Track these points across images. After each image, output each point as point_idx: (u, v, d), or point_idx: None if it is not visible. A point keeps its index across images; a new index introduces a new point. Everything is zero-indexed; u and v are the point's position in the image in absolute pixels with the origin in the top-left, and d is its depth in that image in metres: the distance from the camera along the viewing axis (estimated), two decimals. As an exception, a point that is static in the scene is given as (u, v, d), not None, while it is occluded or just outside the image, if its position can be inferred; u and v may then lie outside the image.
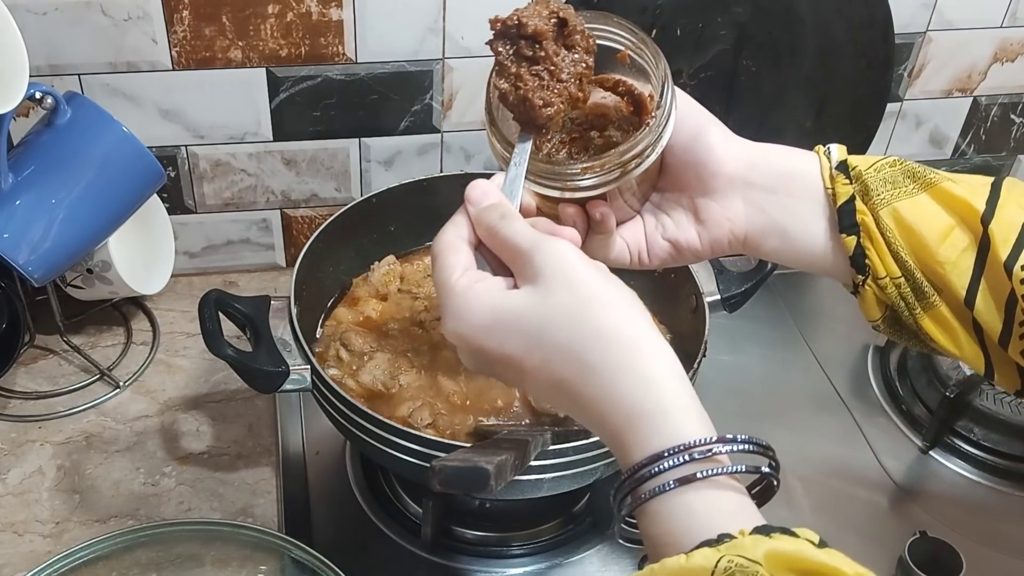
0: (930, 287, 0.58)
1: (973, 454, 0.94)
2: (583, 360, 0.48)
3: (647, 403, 0.48)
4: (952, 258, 0.57)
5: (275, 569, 0.77)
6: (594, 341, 0.48)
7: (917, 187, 0.58)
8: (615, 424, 0.48)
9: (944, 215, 0.58)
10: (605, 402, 0.48)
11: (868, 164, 0.59)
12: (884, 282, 0.59)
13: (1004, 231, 0.56)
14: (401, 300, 0.90)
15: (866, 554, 0.84)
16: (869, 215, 0.58)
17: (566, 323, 0.49)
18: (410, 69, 1.00)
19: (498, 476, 0.53)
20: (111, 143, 0.85)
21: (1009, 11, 1.12)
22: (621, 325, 0.49)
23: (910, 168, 0.59)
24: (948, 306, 0.59)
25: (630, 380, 0.48)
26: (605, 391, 0.48)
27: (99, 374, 0.97)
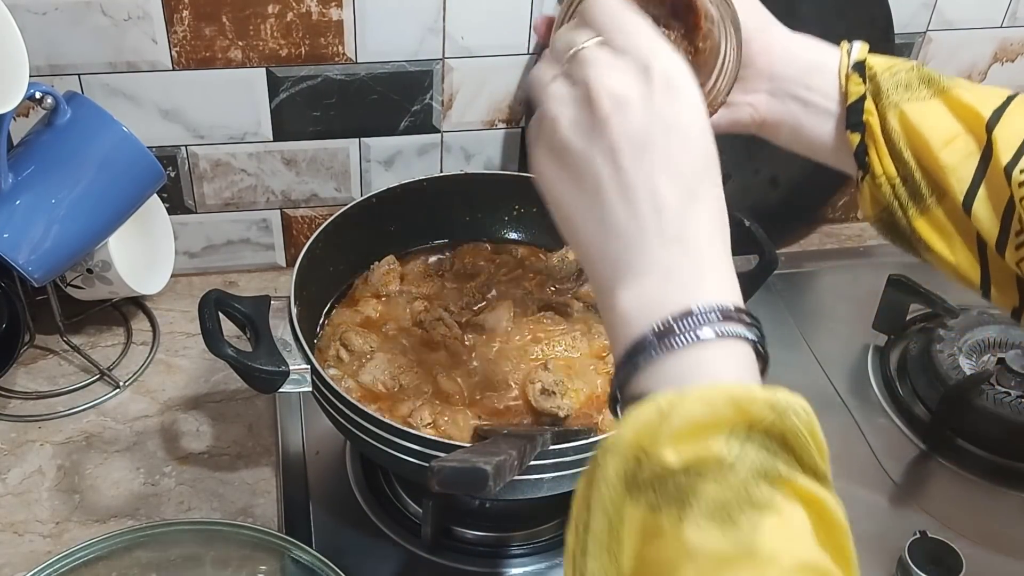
0: (928, 189, 0.61)
1: (973, 454, 0.94)
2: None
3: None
4: (953, 163, 0.59)
5: (275, 569, 0.78)
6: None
7: (931, 92, 0.61)
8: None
9: (952, 121, 0.60)
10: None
11: (886, 67, 0.62)
12: (880, 180, 0.62)
13: (1008, 137, 0.58)
14: (401, 300, 0.90)
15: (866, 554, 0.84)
16: (875, 115, 0.61)
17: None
18: (410, 69, 1.00)
19: (497, 476, 0.53)
20: (111, 143, 0.85)
21: (1009, 11, 1.12)
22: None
23: (927, 74, 0.61)
24: (945, 210, 0.61)
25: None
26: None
27: (99, 374, 0.97)
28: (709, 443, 0.40)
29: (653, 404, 0.42)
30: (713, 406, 0.41)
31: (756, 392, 0.41)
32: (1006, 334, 1.01)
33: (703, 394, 0.41)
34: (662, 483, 0.40)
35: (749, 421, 0.41)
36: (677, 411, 0.41)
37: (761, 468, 0.40)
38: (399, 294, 0.91)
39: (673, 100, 0.46)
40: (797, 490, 0.41)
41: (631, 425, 0.42)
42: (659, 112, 0.46)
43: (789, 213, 1.18)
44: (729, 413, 0.41)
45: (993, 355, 0.99)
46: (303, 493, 0.87)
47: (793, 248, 1.21)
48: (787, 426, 0.41)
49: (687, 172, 0.46)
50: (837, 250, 1.21)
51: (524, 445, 0.63)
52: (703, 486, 0.40)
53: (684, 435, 0.41)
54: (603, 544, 0.41)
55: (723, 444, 0.40)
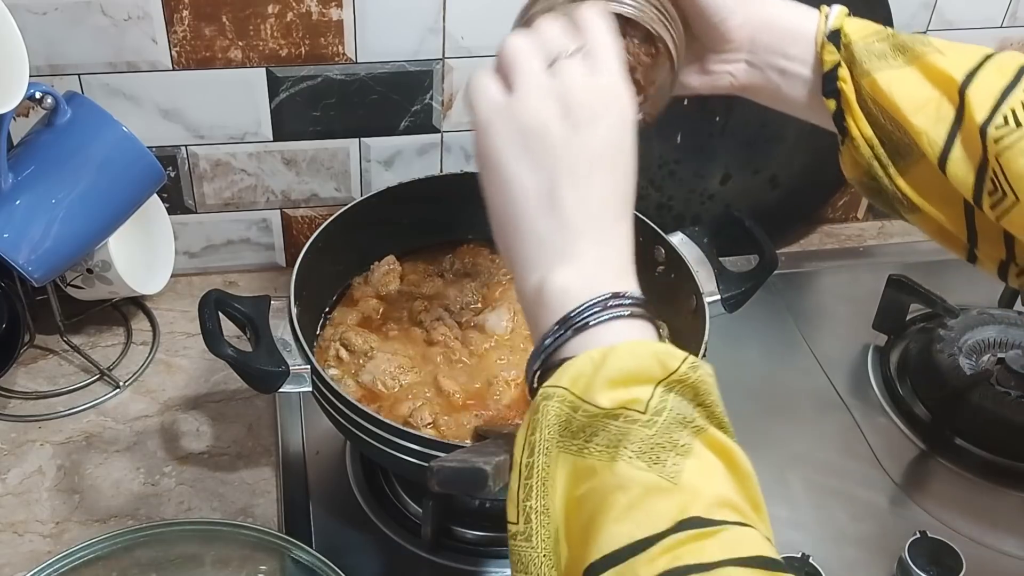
0: (907, 149, 0.63)
1: (973, 454, 0.94)
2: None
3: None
4: (925, 126, 0.61)
5: (275, 569, 0.78)
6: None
7: (905, 60, 0.62)
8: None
9: (926, 87, 0.62)
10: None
11: (861, 35, 0.63)
12: (858, 142, 0.64)
13: (982, 97, 0.60)
14: (401, 300, 0.90)
15: (866, 554, 0.85)
16: (849, 83, 0.64)
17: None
18: (410, 69, 1.00)
19: (496, 476, 0.53)
20: (111, 143, 0.85)
21: (1009, 11, 1.12)
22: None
23: (901, 41, 0.63)
24: (926, 168, 0.63)
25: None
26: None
27: (99, 374, 0.97)
28: (637, 390, 0.46)
29: (586, 356, 0.47)
30: (640, 358, 0.47)
31: (672, 350, 0.48)
32: (1006, 334, 1.01)
33: (631, 348, 0.47)
34: (594, 428, 0.45)
35: (669, 373, 0.46)
36: (609, 361, 0.46)
37: (682, 417, 0.45)
38: (399, 294, 0.91)
39: (627, 132, 0.53)
40: (711, 440, 0.46)
41: (568, 374, 0.47)
42: (623, 139, 0.53)
43: (789, 213, 1.18)
44: (653, 365, 0.46)
45: (993, 355, 0.99)
46: (303, 493, 0.87)
47: (793, 248, 1.21)
48: (699, 380, 0.47)
49: (622, 194, 0.53)
50: (837, 250, 1.21)
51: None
52: (633, 430, 0.44)
53: (615, 382, 0.46)
54: (544, 485, 0.46)
55: (649, 392, 0.46)
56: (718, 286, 0.87)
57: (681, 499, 0.43)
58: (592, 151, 0.51)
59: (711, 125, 1.08)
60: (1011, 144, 0.58)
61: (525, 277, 0.52)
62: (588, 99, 0.52)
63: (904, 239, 1.22)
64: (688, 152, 1.09)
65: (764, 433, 0.94)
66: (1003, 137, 0.58)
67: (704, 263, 0.88)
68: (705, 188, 1.12)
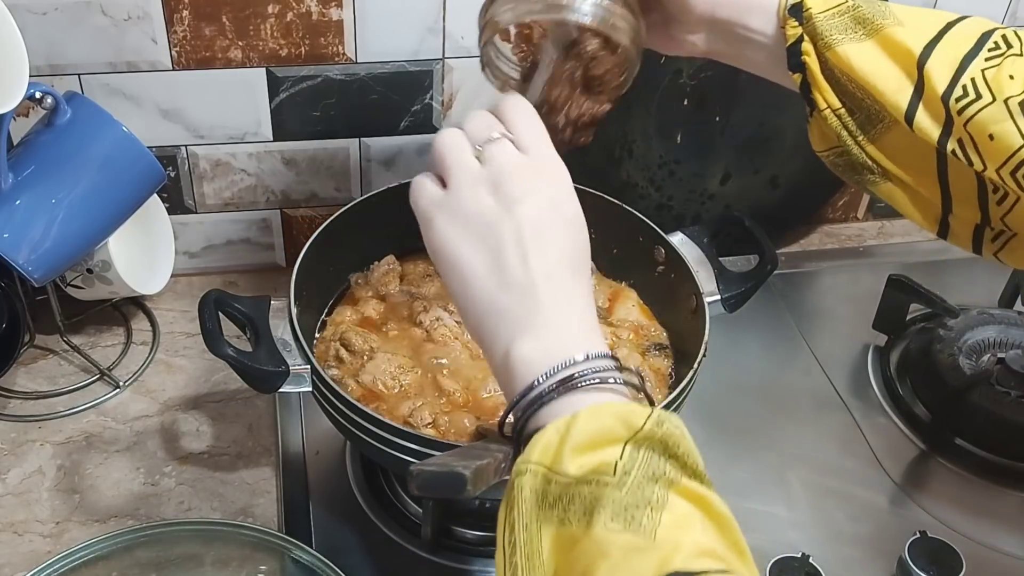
0: (876, 117, 0.63)
1: (973, 454, 0.94)
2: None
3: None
4: (889, 95, 0.61)
5: (275, 569, 0.78)
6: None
7: (865, 33, 0.63)
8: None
9: (885, 60, 0.62)
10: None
11: (822, 8, 0.64)
12: (826, 113, 0.65)
13: (940, 69, 0.60)
14: (401, 300, 0.90)
15: (866, 554, 0.85)
16: (813, 56, 0.64)
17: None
18: (410, 69, 1.00)
19: (476, 481, 0.53)
20: (111, 143, 0.85)
21: (1009, 11, 1.12)
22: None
23: (861, 14, 0.63)
24: (896, 134, 0.63)
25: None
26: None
27: (99, 374, 0.97)
28: (605, 453, 0.46)
29: (552, 427, 0.48)
30: (603, 421, 0.47)
31: (636, 408, 0.49)
32: (1006, 334, 1.01)
33: (594, 412, 0.48)
34: (569, 496, 0.46)
35: (635, 432, 0.47)
36: (572, 430, 0.47)
37: (652, 473, 0.46)
38: (399, 294, 0.91)
39: (566, 197, 0.57)
40: (685, 490, 0.46)
41: (537, 448, 0.48)
42: (557, 202, 0.56)
43: (789, 213, 1.18)
44: (617, 426, 0.47)
45: (993, 355, 0.99)
46: (303, 493, 0.87)
47: (793, 248, 1.21)
48: (667, 434, 0.47)
49: (572, 254, 0.56)
50: (837, 250, 1.21)
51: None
52: (606, 493, 0.45)
53: (582, 448, 0.47)
54: (529, 560, 0.46)
55: (618, 453, 0.46)
56: (718, 286, 0.87)
57: (660, 555, 0.43)
58: (532, 219, 0.54)
59: (711, 125, 1.08)
60: (973, 114, 0.59)
61: (493, 352, 0.55)
62: (518, 175, 0.55)
63: (904, 239, 1.22)
64: (688, 152, 1.09)
65: (764, 433, 0.94)
66: (965, 108, 0.59)
67: (704, 263, 0.88)
68: (705, 188, 1.12)
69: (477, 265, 0.55)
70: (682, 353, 0.86)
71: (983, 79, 0.59)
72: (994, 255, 0.65)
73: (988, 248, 0.65)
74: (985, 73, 0.59)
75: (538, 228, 0.54)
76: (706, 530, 0.45)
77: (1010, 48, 0.61)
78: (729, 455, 0.90)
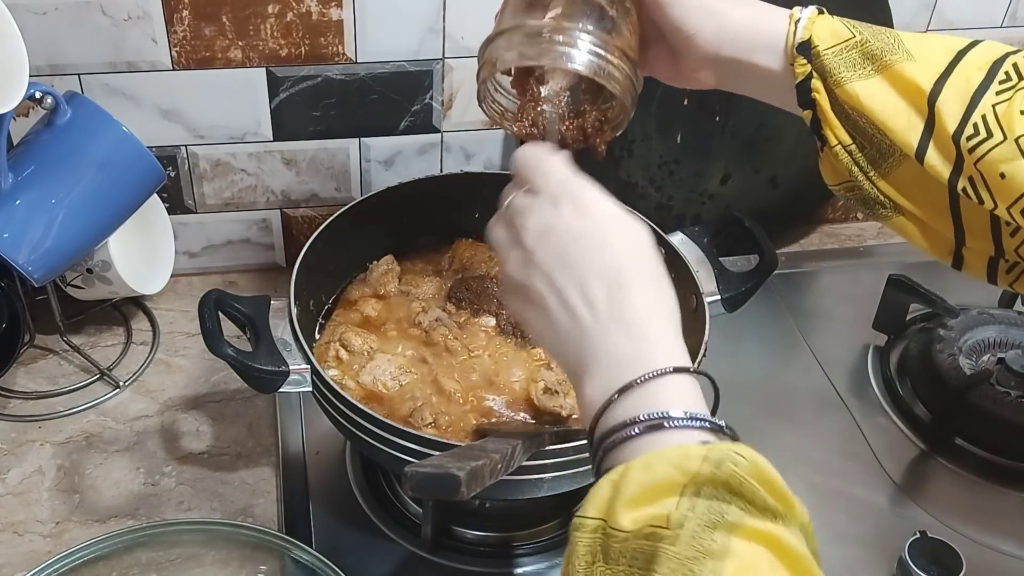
0: (888, 150, 0.63)
1: (973, 454, 0.94)
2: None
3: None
4: (899, 132, 0.61)
5: (275, 569, 0.78)
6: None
7: (873, 69, 0.62)
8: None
9: (895, 97, 0.61)
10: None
11: (830, 44, 0.63)
12: (836, 149, 0.64)
13: (952, 106, 0.59)
14: (400, 300, 0.90)
15: (866, 554, 0.85)
16: (823, 92, 0.63)
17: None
18: (410, 69, 1.00)
19: (470, 483, 0.53)
20: (111, 143, 0.85)
21: (1009, 11, 1.12)
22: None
23: (870, 49, 0.62)
24: (907, 169, 0.63)
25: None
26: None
27: (99, 374, 0.97)
28: (661, 504, 0.44)
29: (607, 480, 0.47)
30: (655, 471, 0.45)
31: (691, 450, 0.46)
32: (1006, 334, 1.01)
33: (644, 462, 0.46)
34: (629, 552, 0.44)
35: (691, 477, 0.44)
36: (625, 481, 0.45)
37: (710, 519, 0.43)
38: (398, 294, 0.91)
39: (582, 217, 0.56)
40: (751, 532, 0.43)
41: (592, 502, 0.47)
42: (570, 228, 0.55)
43: (789, 213, 1.18)
44: (672, 474, 0.45)
45: (993, 355, 0.99)
46: (303, 493, 0.87)
47: (793, 248, 1.21)
48: (727, 474, 0.44)
49: (607, 270, 0.54)
50: (837, 250, 1.21)
51: (515, 446, 0.63)
52: (662, 548, 0.43)
53: (636, 500, 0.45)
54: None
55: (674, 503, 0.44)
56: (718, 286, 0.87)
57: None
58: (554, 258, 0.55)
59: (711, 125, 1.08)
60: (984, 153, 0.58)
61: (578, 397, 0.54)
62: (530, 222, 0.56)
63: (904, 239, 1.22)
64: (688, 152, 1.09)
65: (764, 433, 0.93)
66: (976, 147, 0.58)
67: (704, 263, 0.88)
68: (705, 188, 1.12)
69: (536, 322, 0.57)
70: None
71: (994, 116, 0.58)
72: (1009, 285, 0.64)
73: (1003, 279, 0.64)
74: (996, 108, 0.58)
75: (564, 262, 0.55)
76: (775, 570, 0.43)
77: (1021, 79, 0.59)
78: (729, 455, 0.90)
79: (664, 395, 0.50)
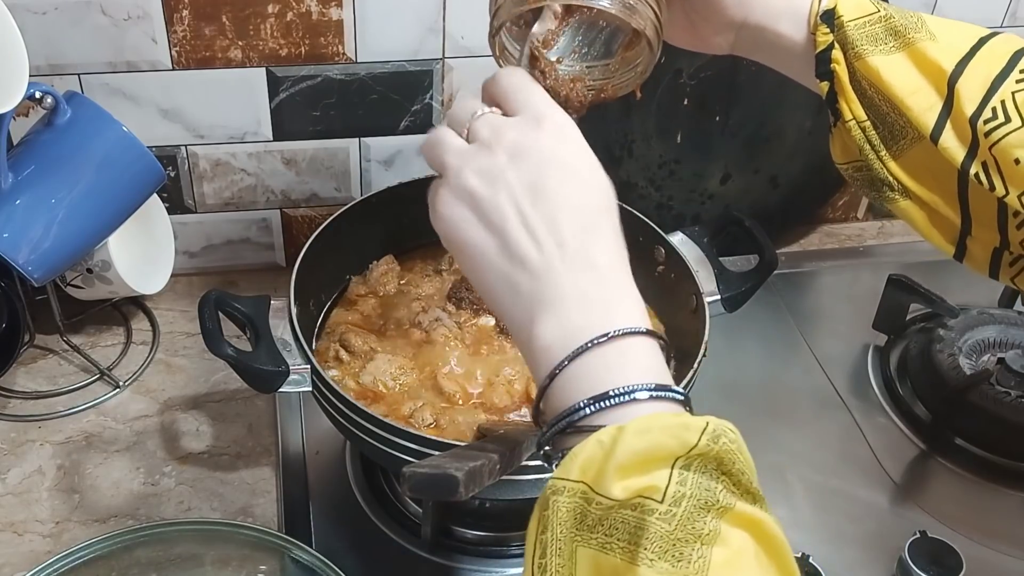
0: (901, 132, 0.62)
1: (973, 454, 0.94)
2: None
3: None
4: (917, 111, 0.60)
5: (275, 569, 0.78)
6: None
7: (896, 45, 0.62)
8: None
9: (916, 75, 0.61)
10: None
11: (854, 16, 0.62)
12: (850, 124, 0.63)
13: (971, 89, 0.59)
14: (400, 300, 0.90)
15: (866, 554, 0.85)
16: (843, 64, 0.63)
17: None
18: (410, 69, 1.00)
19: (468, 483, 0.53)
20: (111, 143, 0.85)
21: (1009, 11, 1.12)
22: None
23: (894, 24, 0.62)
24: (919, 151, 0.62)
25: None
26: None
27: (99, 374, 0.97)
28: (653, 475, 0.42)
29: (595, 440, 0.44)
30: (651, 437, 0.43)
31: (689, 420, 0.44)
32: (1006, 334, 1.01)
33: (643, 426, 0.43)
34: (611, 520, 0.42)
35: (687, 449, 0.42)
36: (619, 445, 0.43)
37: (704, 501, 0.42)
38: (398, 294, 0.91)
39: (564, 143, 0.52)
40: (739, 517, 0.42)
41: (576, 464, 0.44)
42: (553, 155, 0.51)
43: (789, 213, 1.18)
44: (668, 442, 0.43)
45: (993, 355, 0.99)
46: (303, 493, 0.87)
47: (793, 248, 1.21)
48: (722, 450, 0.43)
49: (583, 207, 0.51)
50: (837, 250, 1.21)
51: (515, 446, 0.63)
52: (651, 523, 0.41)
53: (628, 468, 0.42)
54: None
55: (665, 475, 0.42)
56: (718, 286, 0.87)
57: None
58: (530, 180, 0.51)
59: (711, 125, 1.08)
60: (1000, 137, 0.58)
61: (518, 336, 0.51)
62: (507, 138, 0.52)
63: (904, 239, 1.22)
64: (688, 152, 1.09)
65: (764, 433, 0.94)
66: (992, 131, 0.58)
67: (704, 263, 0.88)
68: (705, 188, 1.12)
69: (483, 245, 0.51)
70: (682, 353, 0.86)
71: (1013, 102, 0.58)
72: (1011, 280, 0.64)
73: (1006, 272, 0.64)
74: (1016, 96, 0.58)
75: (539, 188, 0.50)
76: (759, 561, 0.42)
77: None
78: (729, 455, 0.90)
79: (635, 356, 0.48)
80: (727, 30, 0.67)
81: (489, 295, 0.52)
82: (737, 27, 0.66)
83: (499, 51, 0.66)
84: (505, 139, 0.52)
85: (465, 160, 0.53)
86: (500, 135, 0.52)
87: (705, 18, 0.67)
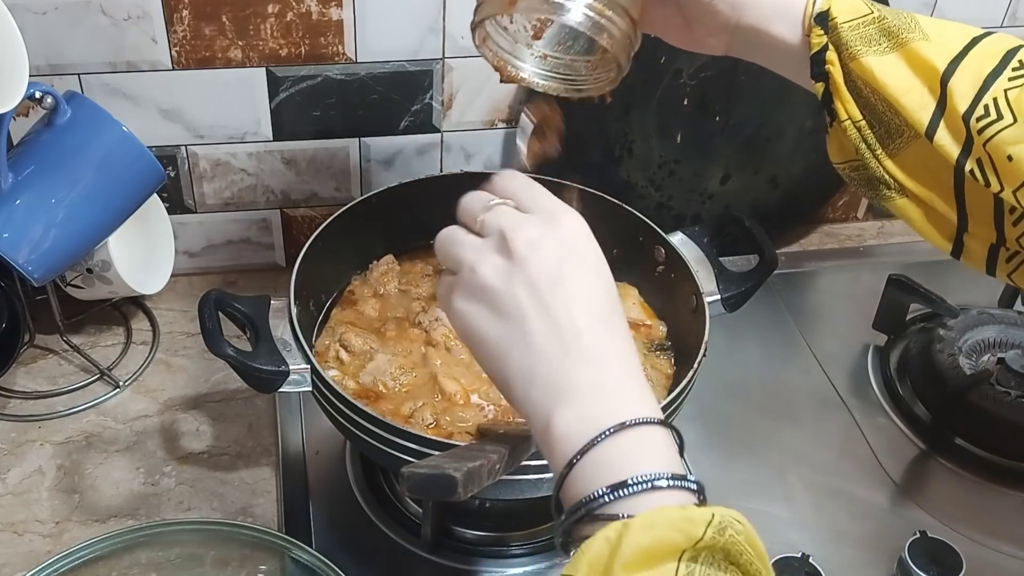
0: (896, 131, 0.63)
1: (973, 454, 0.94)
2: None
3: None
4: (911, 109, 0.61)
5: (275, 569, 0.78)
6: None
7: (890, 45, 0.62)
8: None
9: (909, 75, 0.61)
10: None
11: (848, 18, 0.63)
12: (846, 124, 0.64)
13: (964, 87, 0.59)
14: (400, 300, 0.90)
15: (866, 554, 0.85)
16: (837, 65, 0.63)
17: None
18: (410, 69, 1.00)
19: (467, 483, 0.53)
20: (111, 143, 0.85)
21: (1009, 11, 1.12)
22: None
23: (887, 25, 0.62)
24: (915, 149, 0.62)
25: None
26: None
27: (99, 374, 0.97)
28: (658, 570, 0.42)
29: (602, 537, 0.44)
30: (656, 532, 0.43)
31: (694, 513, 0.44)
32: (1006, 334, 1.01)
33: (648, 521, 0.43)
34: None
35: (694, 542, 0.43)
36: (625, 541, 0.43)
37: None
38: (398, 294, 0.91)
39: (579, 240, 0.54)
40: None
41: (584, 562, 0.44)
42: (571, 250, 0.53)
43: (789, 213, 1.18)
44: (673, 536, 0.43)
45: (993, 355, 0.99)
46: (303, 493, 0.87)
47: (793, 248, 1.21)
48: (728, 541, 0.43)
49: (598, 299, 0.52)
50: (837, 250, 1.21)
51: (515, 446, 0.63)
52: None
53: (633, 564, 0.42)
54: None
55: (672, 569, 0.42)
56: (718, 286, 0.87)
57: None
58: (547, 272, 0.52)
59: (711, 125, 1.08)
60: (993, 134, 0.58)
61: (535, 426, 0.51)
62: (523, 231, 0.53)
63: (904, 239, 1.22)
64: (688, 152, 1.09)
65: (764, 433, 0.94)
66: (985, 128, 0.58)
67: (704, 263, 0.88)
68: (705, 188, 1.12)
69: (501, 338, 0.52)
70: (682, 353, 0.86)
71: (1005, 99, 0.58)
72: (1007, 276, 0.64)
73: (1002, 269, 0.64)
74: (1008, 93, 0.59)
75: (556, 279, 0.52)
76: None
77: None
78: (729, 455, 0.90)
79: (651, 445, 0.48)
80: (722, 32, 0.67)
81: (505, 386, 0.53)
82: (731, 29, 0.66)
83: (480, 40, 0.67)
84: (522, 233, 0.53)
85: (482, 255, 0.54)
86: (516, 230, 0.53)
87: (699, 20, 0.67)
